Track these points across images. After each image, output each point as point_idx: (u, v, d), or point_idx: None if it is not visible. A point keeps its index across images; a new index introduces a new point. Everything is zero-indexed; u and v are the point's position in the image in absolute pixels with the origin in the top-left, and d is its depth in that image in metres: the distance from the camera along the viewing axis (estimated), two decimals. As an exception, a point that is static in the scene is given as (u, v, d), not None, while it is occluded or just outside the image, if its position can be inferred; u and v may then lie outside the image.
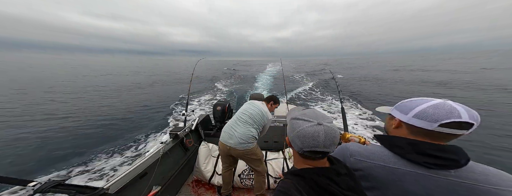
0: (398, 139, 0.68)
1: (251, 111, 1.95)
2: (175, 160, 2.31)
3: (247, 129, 1.86)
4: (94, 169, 4.07)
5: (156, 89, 14.44)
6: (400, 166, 0.64)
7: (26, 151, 4.92)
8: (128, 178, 1.54)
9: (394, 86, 13.80)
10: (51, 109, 8.45)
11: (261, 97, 4.14)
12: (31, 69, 35.11)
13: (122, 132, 6.07)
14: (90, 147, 5.03)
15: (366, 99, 9.81)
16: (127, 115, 7.85)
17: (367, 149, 0.74)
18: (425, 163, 0.60)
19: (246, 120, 1.90)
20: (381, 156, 0.69)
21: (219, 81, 18.18)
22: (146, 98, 11.32)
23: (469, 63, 35.88)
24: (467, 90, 10.95)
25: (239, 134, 1.82)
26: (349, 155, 0.76)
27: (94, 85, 16.24)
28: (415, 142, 0.64)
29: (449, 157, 0.59)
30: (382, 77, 19.20)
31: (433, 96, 0.70)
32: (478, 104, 7.86)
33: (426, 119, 0.61)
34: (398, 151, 0.66)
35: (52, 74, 25.30)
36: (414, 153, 0.62)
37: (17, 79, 19.33)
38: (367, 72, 26.28)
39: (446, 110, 0.59)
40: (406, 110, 0.68)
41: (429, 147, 0.62)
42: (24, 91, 12.50)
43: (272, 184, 2.26)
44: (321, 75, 22.95)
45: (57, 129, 6.26)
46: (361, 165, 0.71)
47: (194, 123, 2.70)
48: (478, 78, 15.15)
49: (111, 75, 25.35)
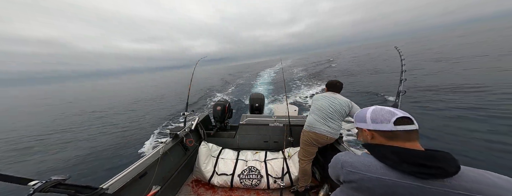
0: (382, 148, 0.69)
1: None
2: (175, 160, 2.31)
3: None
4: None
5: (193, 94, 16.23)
6: (392, 177, 0.62)
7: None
8: (127, 178, 1.54)
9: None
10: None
11: (261, 97, 4.14)
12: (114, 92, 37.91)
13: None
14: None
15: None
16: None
17: (358, 159, 0.73)
18: (414, 172, 0.59)
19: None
20: (371, 167, 0.68)
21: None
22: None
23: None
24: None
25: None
26: (341, 166, 0.76)
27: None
28: (398, 150, 0.65)
29: (436, 165, 0.57)
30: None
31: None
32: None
33: (381, 121, 0.71)
34: (388, 161, 0.65)
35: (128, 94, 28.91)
36: (404, 162, 0.61)
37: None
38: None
39: (384, 112, 0.72)
40: (363, 119, 0.78)
41: (414, 154, 0.61)
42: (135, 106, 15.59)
43: (272, 184, 2.26)
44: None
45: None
46: (353, 176, 0.70)
47: (194, 122, 2.70)
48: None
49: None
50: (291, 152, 2.56)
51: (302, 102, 9.67)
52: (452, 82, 8.75)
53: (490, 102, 5.93)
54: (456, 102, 6.51)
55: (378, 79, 12.65)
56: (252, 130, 2.98)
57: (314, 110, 2.04)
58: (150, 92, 25.32)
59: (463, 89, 7.61)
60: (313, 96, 2.22)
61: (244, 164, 2.50)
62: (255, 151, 2.82)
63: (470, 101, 6.30)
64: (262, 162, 2.52)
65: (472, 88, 7.51)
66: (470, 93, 7.04)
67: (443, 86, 8.43)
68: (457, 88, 7.81)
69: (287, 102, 3.10)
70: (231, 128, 3.32)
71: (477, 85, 7.69)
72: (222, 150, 2.76)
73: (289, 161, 2.45)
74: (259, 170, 2.36)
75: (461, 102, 6.43)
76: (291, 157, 2.50)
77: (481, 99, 6.28)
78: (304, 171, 2.08)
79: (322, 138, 1.93)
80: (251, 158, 2.63)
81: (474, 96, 6.63)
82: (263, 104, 4.07)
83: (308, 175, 2.09)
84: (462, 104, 6.24)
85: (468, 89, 7.49)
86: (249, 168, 2.38)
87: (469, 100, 6.46)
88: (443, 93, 7.57)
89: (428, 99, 7.23)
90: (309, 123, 2.02)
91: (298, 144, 2.19)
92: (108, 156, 5.87)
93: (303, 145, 2.09)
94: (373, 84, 11.09)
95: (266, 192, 2.27)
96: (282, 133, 2.80)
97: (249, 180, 2.26)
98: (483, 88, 7.26)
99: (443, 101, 6.81)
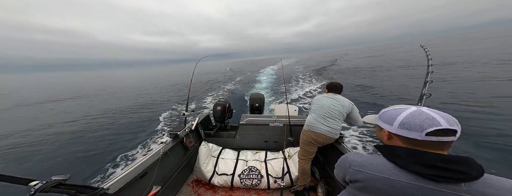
0: (398, 149, 0.65)
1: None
2: (175, 160, 2.31)
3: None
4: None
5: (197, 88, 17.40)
6: (401, 178, 0.60)
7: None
8: (128, 178, 1.54)
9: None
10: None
11: (261, 97, 4.14)
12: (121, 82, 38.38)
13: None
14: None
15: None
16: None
17: (367, 159, 0.71)
18: (429, 175, 0.56)
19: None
20: (381, 167, 0.65)
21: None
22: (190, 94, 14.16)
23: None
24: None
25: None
26: (348, 165, 0.74)
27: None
28: (416, 152, 0.60)
29: (457, 169, 0.53)
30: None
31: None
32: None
33: (412, 128, 0.61)
34: (400, 162, 0.62)
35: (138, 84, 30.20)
36: (417, 164, 0.58)
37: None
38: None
39: (424, 118, 0.60)
40: (390, 120, 0.68)
41: (433, 157, 0.57)
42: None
43: (272, 184, 2.26)
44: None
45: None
46: (360, 175, 0.69)
47: (194, 122, 2.70)
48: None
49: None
50: (291, 152, 2.56)
51: (302, 102, 9.68)
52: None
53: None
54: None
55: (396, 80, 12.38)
56: (252, 130, 2.99)
57: (314, 109, 2.05)
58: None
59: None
60: (314, 97, 2.22)
61: (244, 164, 2.50)
62: (255, 151, 2.83)
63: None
64: (262, 162, 2.52)
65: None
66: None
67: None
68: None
69: (287, 102, 3.10)
70: (231, 128, 3.32)
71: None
72: (222, 150, 2.76)
73: (289, 161, 2.45)
74: (259, 170, 2.36)
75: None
76: (291, 157, 2.51)
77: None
78: (303, 170, 2.09)
79: (321, 138, 1.93)
80: (251, 158, 2.64)
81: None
82: (263, 103, 4.07)
83: (307, 175, 2.10)
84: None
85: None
86: (249, 168, 2.38)
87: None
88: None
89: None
90: (309, 122, 2.03)
91: (298, 143, 2.20)
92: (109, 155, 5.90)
93: (302, 145, 2.09)
94: (386, 86, 10.74)
95: (267, 192, 2.27)
96: (282, 132, 2.80)
97: (250, 180, 2.27)
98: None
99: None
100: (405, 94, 8.82)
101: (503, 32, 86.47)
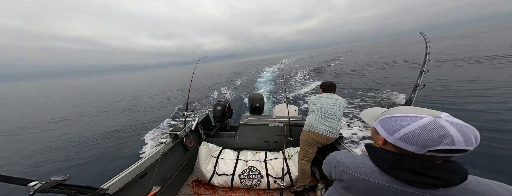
0: (384, 153, 0.64)
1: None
2: (175, 160, 2.31)
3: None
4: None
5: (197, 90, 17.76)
6: (382, 181, 0.61)
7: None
8: (128, 178, 1.54)
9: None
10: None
11: (261, 97, 4.14)
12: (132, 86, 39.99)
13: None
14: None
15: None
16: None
17: (353, 160, 0.72)
18: (407, 180, 0.56)
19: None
20: (365, 169, 0.66)
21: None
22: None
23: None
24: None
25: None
26: (335, 165, 0.76)
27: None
28: (401, 158, 0.59)
29: (435, 175, 0.53)
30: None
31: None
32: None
33: (413, 143, 0.54)
34: (382, 165, 0.62)
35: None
36: (397, 169, 0.58)
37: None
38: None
39: (437, 135, 0.50)
40: (390, 130, 0.60)
41: (416, 164, 0.56)
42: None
43: (272, 184, 2.26)
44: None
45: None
46: (344, 176, 0.71)
47: (194, 123, 2.70)
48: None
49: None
50: (291, 152, 2.56)
51: (302, 102, 9.67)
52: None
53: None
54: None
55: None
56: (252, 130, 2.98)
57: (314, 110, 2.05)
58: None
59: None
60: (309, 99, 2.22)
61: (244, 164, 2.50)
62: (255, 151, 2.82)
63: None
64: (262, 162, 2.52)
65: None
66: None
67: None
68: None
69: (287, 102, 3.10)
70: (231, 128, 3.32)
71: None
72: (222, 150, 2.76)
73: (289, 161, 2.45)
74: (259, 170, 2.36)
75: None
76: (291, 157, 2.50)
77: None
78: (303, 170, 2.09)
79: (321, 138, 1.93)
80: (251, 158, 2.63)
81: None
82: (263, 104, 4.07)
83: (307, 175, 2.09)
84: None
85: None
86: (249, 168, 2.38)
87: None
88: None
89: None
90: (309, 123, 2.03)
91: (298, 144, 2.20)
92: (110, 155, 5.89)
93: (302, 145, 2.09)
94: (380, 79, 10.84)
95: (267, 192, 2.27)
96: (282, 133, 2.80)
97: (249, 180, 2.26)
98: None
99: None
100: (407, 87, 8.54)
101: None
